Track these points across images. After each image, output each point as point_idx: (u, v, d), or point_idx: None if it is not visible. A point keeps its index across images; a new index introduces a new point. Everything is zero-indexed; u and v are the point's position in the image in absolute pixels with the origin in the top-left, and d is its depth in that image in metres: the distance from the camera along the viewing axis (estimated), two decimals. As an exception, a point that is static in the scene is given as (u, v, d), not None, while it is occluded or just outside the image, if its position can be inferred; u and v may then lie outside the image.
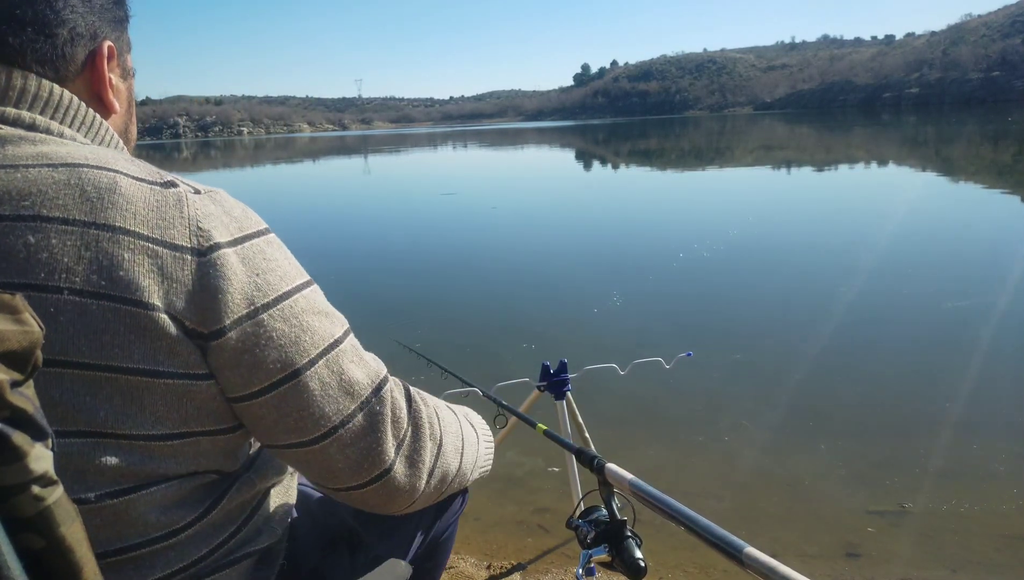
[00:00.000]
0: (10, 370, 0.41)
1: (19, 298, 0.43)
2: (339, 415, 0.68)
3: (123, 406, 0.59)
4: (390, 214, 11.83)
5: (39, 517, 0.42)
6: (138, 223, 0.59)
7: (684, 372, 3.54)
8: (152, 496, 0.63)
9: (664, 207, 11.31)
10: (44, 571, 0.42)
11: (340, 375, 0.68)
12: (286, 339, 0.64)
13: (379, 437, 0.71)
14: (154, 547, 0.64)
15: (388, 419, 0.71)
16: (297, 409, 0.66)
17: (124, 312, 0.57)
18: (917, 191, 11.47)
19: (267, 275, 0.65)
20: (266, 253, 0.66)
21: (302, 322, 0.66)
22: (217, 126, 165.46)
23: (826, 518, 2.39)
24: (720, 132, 46.21)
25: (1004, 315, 4.40)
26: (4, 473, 0.40)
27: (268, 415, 0.66)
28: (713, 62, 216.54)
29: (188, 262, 0.60)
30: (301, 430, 0.67)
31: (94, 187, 0.59)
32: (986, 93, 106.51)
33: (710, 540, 0.80)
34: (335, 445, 0.68)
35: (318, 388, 0.66)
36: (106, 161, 0.62)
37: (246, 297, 0.62)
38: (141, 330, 0.58)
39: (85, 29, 0.69)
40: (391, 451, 0.71)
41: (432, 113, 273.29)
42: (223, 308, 0.61)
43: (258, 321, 0.63)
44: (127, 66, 0.77)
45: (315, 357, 0.66)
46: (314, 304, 0.68)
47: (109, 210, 0.59)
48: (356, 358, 0.71)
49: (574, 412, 1.93)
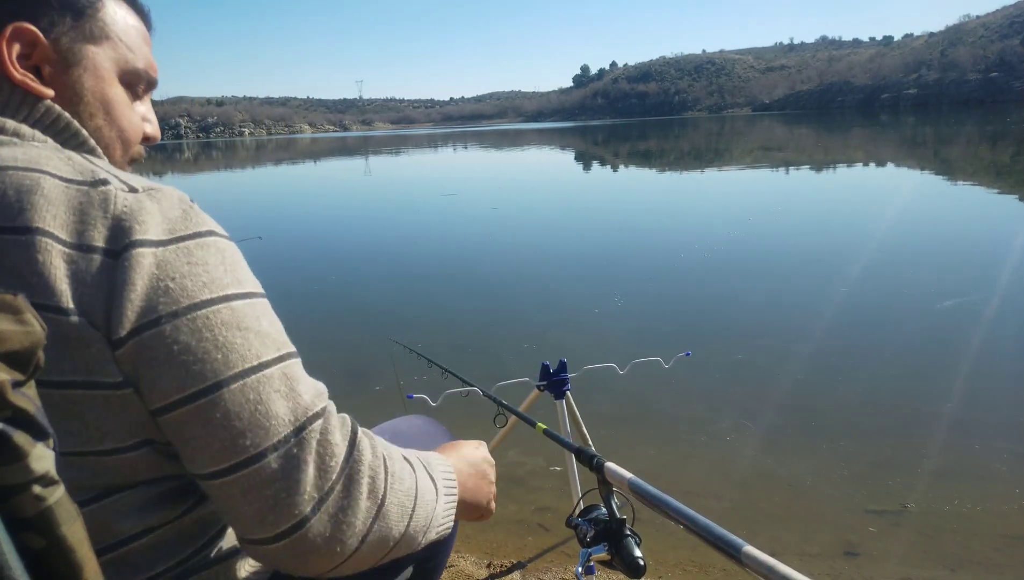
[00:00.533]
0: (12, 370, 0.41)
1: (21, 298, 0.43)
2: (245, 452, 0.58)
3: (64, 423, 0.56)
4: (391, 215, 11.83)
5: (40, 517, 0.42)
6: (57, 225, 0.55)
7: (683, 372, 3.54)
8: (121, 501, 0.60)
9: (664, 208, 11.31)
10: (45, 571, 0.43)
11: (256, 405, 0.58)
12: (191, 355, 0.57)
13: (292, 485, 0.59)
14: (132, 546, 0.62)
15: (309, 465, 0.60)
16: (197, 437, 0.58)
17: (48, 318, 0.53)
18: (916, 192, 11.48)
19: (184, 280, 0.57)
20: (194, 257, 0.59)
21: (217, 337, 0.58)
22: (218, 127, 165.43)
23: (825, 517, 2.39)
24: (719, 133, 46.23)
25: (1004, 314, 4.41)
26: (5, 473, 0.40)
27: (173, 438, 0.59)
28: (712, 63, 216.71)
29: (100, 263, 0.56)
30: (199, 462, 0.59)
31: (15, 190, 0.56)
32: (984, 94, 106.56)
33: (709, 539, 0.81)
34: (236, 487, 0.59)
35: (222, 416, 0.57)
36: (35, 162, 0.59)
37: (150, 303, 0.56)
38: (65, 339, 0.54)
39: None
40: (305, 504, 0.60)
41: (432, 114, 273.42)
42: (122, 315, 0.55)
43: (158, 331, 0.56)
44: (75, 53, 0.69)
45: (225, 379, 0.58)
46: (242, 319, 0.59)
47: (27, 212, 0.55)
48: (284, 389, 0.60)
49: (574, 411, 1.93)
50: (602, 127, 79.85)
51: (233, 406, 0.58)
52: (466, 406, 1.95)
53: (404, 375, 3.27)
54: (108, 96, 0.72)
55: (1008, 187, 11.40)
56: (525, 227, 9.58)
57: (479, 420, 1.93)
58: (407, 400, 1.76)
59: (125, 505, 0.61)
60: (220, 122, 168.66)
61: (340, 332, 4.89)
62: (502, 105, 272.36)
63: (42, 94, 0.67)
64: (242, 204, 14.54)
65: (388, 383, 3.53)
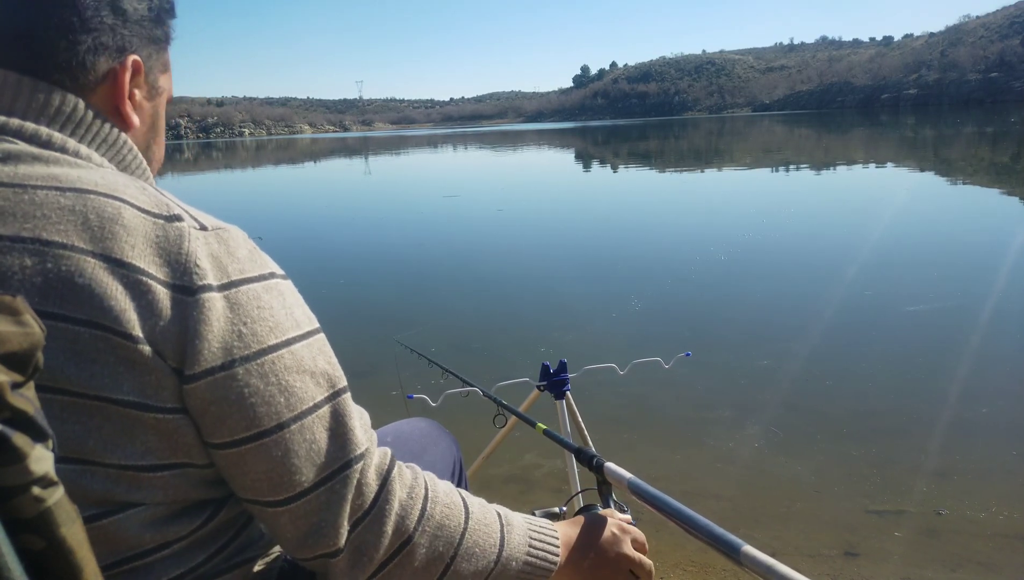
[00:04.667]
0: (11, 371, 0.41)
1: (20, 300, 0.43)
2: (299, 487, 0.65)
3: (113, 436, 0.59)
4: (391, 215, 11.83)
5: (40, 518, 0.42)
6: (136, 256, 0.59)
7: (683, 372, 3.55)
8: (141, 515, 0.62)
9: (664, 208, 11.31)
10: (45, 572, 0.43)
11: (311, 444, 0.65)
12: (258, 398, 0.62)
13: (332, 518, 0.66)
14: (149, 559, 0.63)
15: (347, 502, 0.67)
16: (255, 470, 0.64)
17: (115, 343, 0.57)
18: (917, 192, 11.48)
19: (254, 325, 0.62)
20: (261, 300, 0.63)
21: (280, 381, 0.63)
22: (218, 127, 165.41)
23: (825, 517, 2.39)
24: (719, 133, 46.22)
25: (1005, 314, 4.41)
26: (5, 474, 0.40)
27: (229, 467, 0.64)
28: (712, 64, 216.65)
29: (175, 300, 0.59)
30: (256, 490, 0.65)
31: (97, 216, 0.59)
32: (984, 94, 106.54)
33: (708, 539, 0.80)
34: (287, 515, 0.66)
35: (282, 455, 0.63)
36: (115, 189, 0.62)
37: (224, 346, 0.60)
38: (130, 363, 0.58)
39: (112, 41, 0.68)
40: (341, 536, 0.67)
41: (432, 114, 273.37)
42: (198, 354, 0.59)
43: (231, 374, 0.61)
44: (157, 85, 0.75)
45: (286, 421, 0.63)
46: (301, 361, 0.65)
47: (109, 241, 0.58)
48: (334, 426, 0.67)
49: (573, 411, 1.93)
50: (602, 128, 79.82)
51: (292, 445, 0.64)
52: (466, 406, 1.95)
53: (404, 374, 3.27)
54: (163, 123, 0.79)
55: (1010, 187, 11.40)
56: (525, 227, 9.58)
57: (479, 420, 1.93)
58: (407, 400, 1.76)
59: (147, 518, 0.63)
60: (220, 122, 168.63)
61: (340, 331, 4.88)
62: (502, 105, 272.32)
63: (133, 126, 0.72)
64: (243, 204, 14.54)
65: (388, 383, 3.53)
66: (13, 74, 0.65)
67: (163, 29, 0.74)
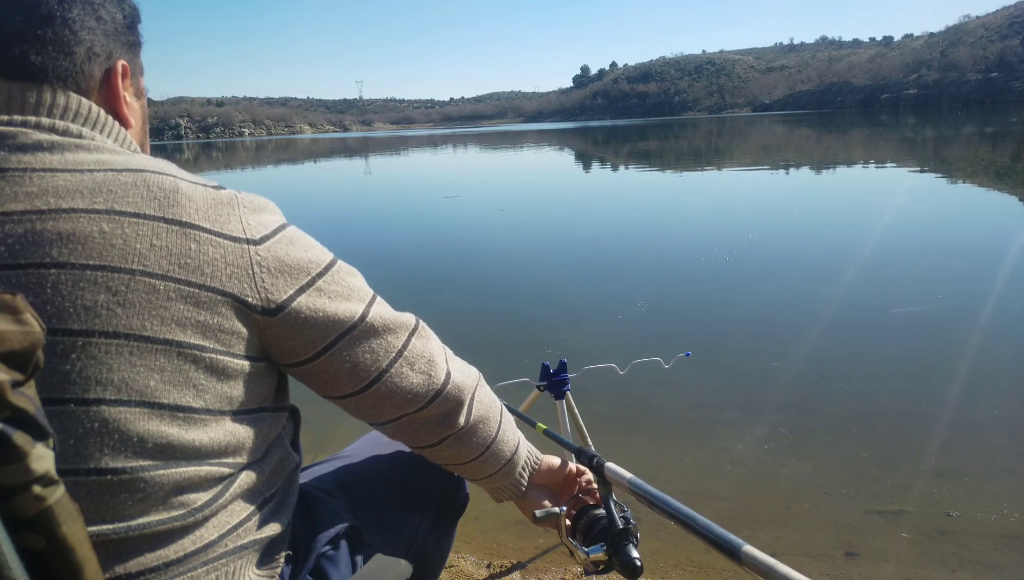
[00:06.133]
0: (11, 370, 0.41)
1: (20, 298, 0.43)
2: (385, 362, 0.80)
3: (172, 376, 0.65)
4: (391, 215, 11.83)
5: (40, 517, 0.42)
6: (200, 218, 0.67)
7: (683, 372, 3.55)
8: (178, 474, 0.66)
9: (664, 208, 11.31)
10: (45, 571, 0.43)
11: (383, 317, 0.80)
12: (341, 300, 0.76)
13: (432, 354, 0.85)
14: (172, 526, 0.66)
15: (433, 339, 0.89)
16: (350, 359, 0.77)
17: (188, 293, 0.65)
18: (917, 192, 11.47)
19: (309, 252, 0.75)
20: (299, 237, 0.76)
21: (347, 283, 0.77)
22: (218, 127, 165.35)
23: (825, 517, 2.39)
24: (719, 133, 46.23)
25: (1006, 314, 4.41)
26: (5, 473, 0.40)
27: (329, 370, 0.76)
28: (712, 64, 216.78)
29: (246, 249, 0.69)
30: (353, 381, 0.79)
31: (159, 188, 0.67)
32: (984, 94, 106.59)
33: (708, 539, 0.80)
34: (381, 391, 0.80)
35: (371, 332, 0.79)
36: (163, 168, 0.70)
37: (303, 270, 0.73)
38: (201, 308, 0.66)
39: (101, 49, 0.74)
40: (443, 363, 0.86)
41: (432, 114, 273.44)
42: (284, 284, 0.71)
43: (318, 287, 0.74)
44: (140, 87, 0.83)
45: (365, 309, 0.78)
46: (348, 269, 0.80)
47: (175, 207, 0.66)
48: (383, 302, 0.83)
49: (573, 411, 1.93)
50: (602, 128, 79.82)
51: (377, 323, 0.79)
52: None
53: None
54: (146, 120, 0.87)
55: (1011, 188, 11.40)
56: (525, 227, 9.58)
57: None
58: None
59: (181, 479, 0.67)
60: (220, 122, 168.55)
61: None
62: (502, 105, 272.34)
63: (130, 125, 0.79)
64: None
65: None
66: (19, 84, 0.69)
67: (135, 35, 0.81)
